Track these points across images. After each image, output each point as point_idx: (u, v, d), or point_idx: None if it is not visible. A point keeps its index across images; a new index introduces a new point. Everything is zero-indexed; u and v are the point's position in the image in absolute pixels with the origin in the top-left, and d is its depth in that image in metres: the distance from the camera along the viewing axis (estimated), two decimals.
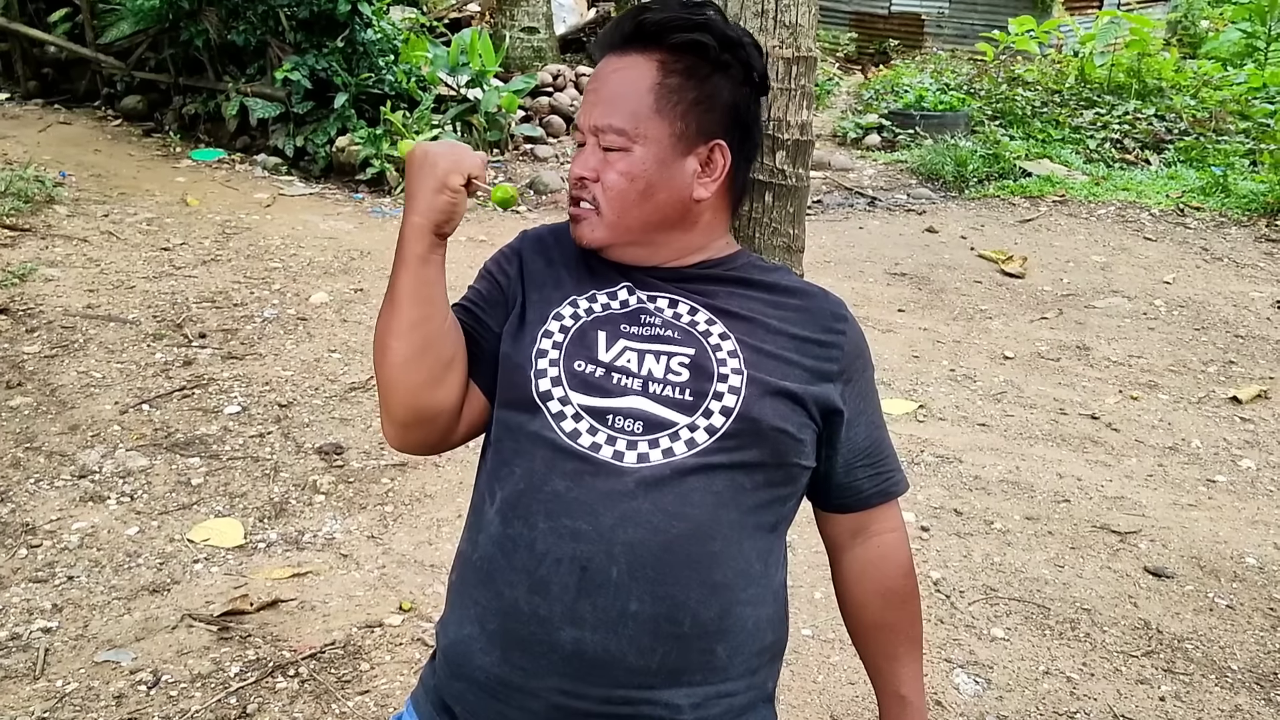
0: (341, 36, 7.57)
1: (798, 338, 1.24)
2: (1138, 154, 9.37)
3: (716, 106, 1.24)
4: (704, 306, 1.25)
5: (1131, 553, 3.33)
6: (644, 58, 1.22)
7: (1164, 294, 5.99)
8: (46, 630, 2.69)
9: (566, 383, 1.18)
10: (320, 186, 7.35)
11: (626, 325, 1.23)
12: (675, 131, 1.22)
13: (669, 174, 1.23)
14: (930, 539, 3.36)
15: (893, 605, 1.32)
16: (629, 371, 1.19)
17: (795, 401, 1.20)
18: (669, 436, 1.15)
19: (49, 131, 7.35)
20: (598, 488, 1.13)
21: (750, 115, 1.29)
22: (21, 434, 3.62)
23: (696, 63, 1.22)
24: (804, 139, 1.62)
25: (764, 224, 1.61)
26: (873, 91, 11.50)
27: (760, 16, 1.53)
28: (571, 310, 1.25)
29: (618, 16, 1.27)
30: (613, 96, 1.22)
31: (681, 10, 1.23)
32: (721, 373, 1.18)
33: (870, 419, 1.30)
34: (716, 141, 1.24)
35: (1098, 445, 4.14)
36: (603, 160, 1.22)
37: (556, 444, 1.15)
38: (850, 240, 7.03)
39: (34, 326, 4.42)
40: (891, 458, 1.33)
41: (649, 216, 1.24)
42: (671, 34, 1.21)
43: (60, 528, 3.13)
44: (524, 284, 1.30)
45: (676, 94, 1.21)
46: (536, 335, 1.23)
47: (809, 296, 1.30)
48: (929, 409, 4.40)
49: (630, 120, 1.21)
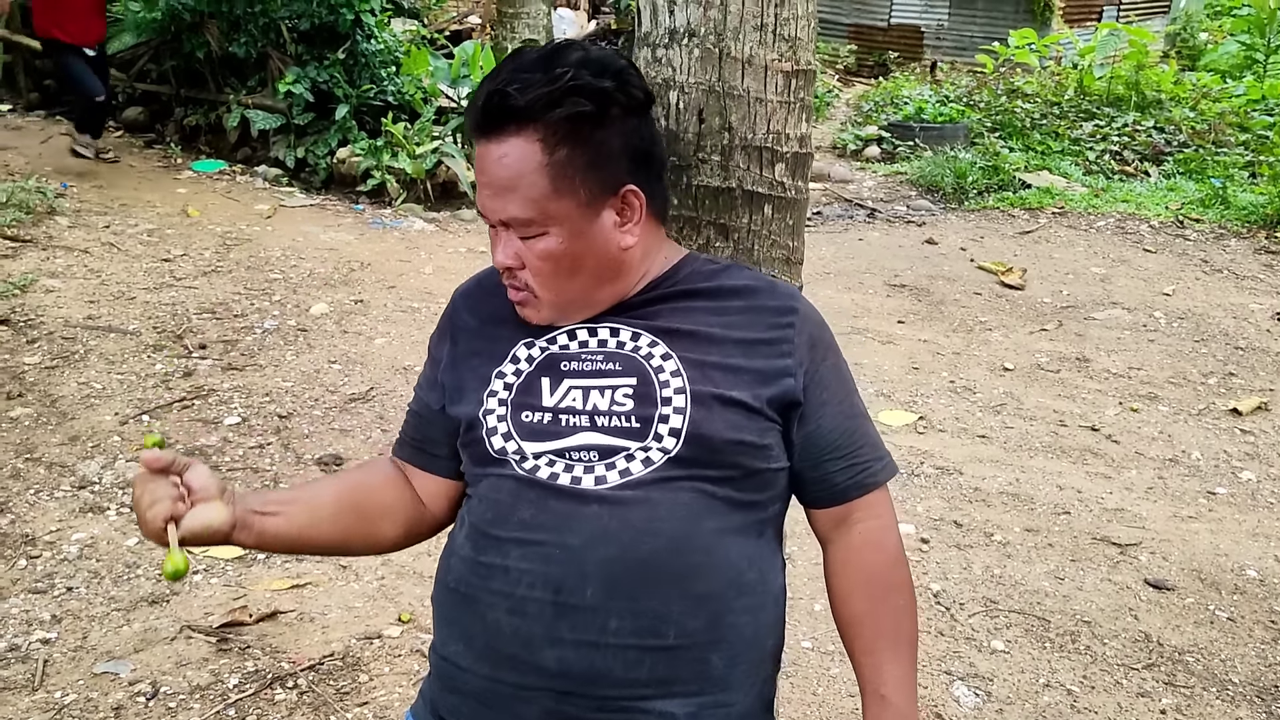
0: (343, 48, 7.59)
1: (744, 341, 1.22)
2: (1137, 166, 9.39)
3: (613, 156, 1.18)
4: (646, 330, 1.23)
5: (1132, 565, 3.32)
6: (522, 139, 1.14)
7: (1164, 306, 5.99)
8: (45, 641, 2.69)
9: (518, 435, 1.19)
10: (321, 198, 7.36)
11: (568, 364, 1.22)
12: (581, 201, 1.17)
13: (590, 241, 1.19)
14: (930, 551, 3.36)
15: (875, 597, 1.25)
16: (574, 410, 1.18)
17: (747, 409, 1.18)
18: (624, 458, 1.15)
19: (51, 143, 7.36)
20: (562, 511, 1.14)
21: (647, 138, 1.24)
22: (22, 445, 3.62)
23: (577, 124, 1.15)
24: (803, 152, 1.63)
25: (763, 236, 1.61)
26: (872, 103, 11.53)
27: (760, 30, 1.54)
28: (513, 366, 1.24)
29: (476, 95, 1.17)
30: (505, 187, 1.16)
31: (542, 77, 1.14)
32: (665, 395, 1.17)
33: (838, 407, 1.25)
34: (626, 188, 1.20)
35: (1098, 457, 4.13)
36: (521, 247, 1.19)
37: (518, 477, 1.18)
38: (850, 252, 7.04)
39: (35, 337, 4.42)
40: (868, 447, 1.27)
41: (586, 284, 1.22)
42: (543, 113, 1.13)
43: (60, 538, 3.13)
44: (458, 359, 1.30)
45: (568, 166, 1.15)
46: (483, 397, 1.23)
47: (754, 294, 1.26)
48: (929, 421, 4.40)
49: (532, 209, 1.16)
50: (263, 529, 1.21)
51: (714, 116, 1.56)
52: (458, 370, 1.28)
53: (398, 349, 4.72)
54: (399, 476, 1.35)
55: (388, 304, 5.30)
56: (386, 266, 5.92)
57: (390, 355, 4.64)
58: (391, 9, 8.54)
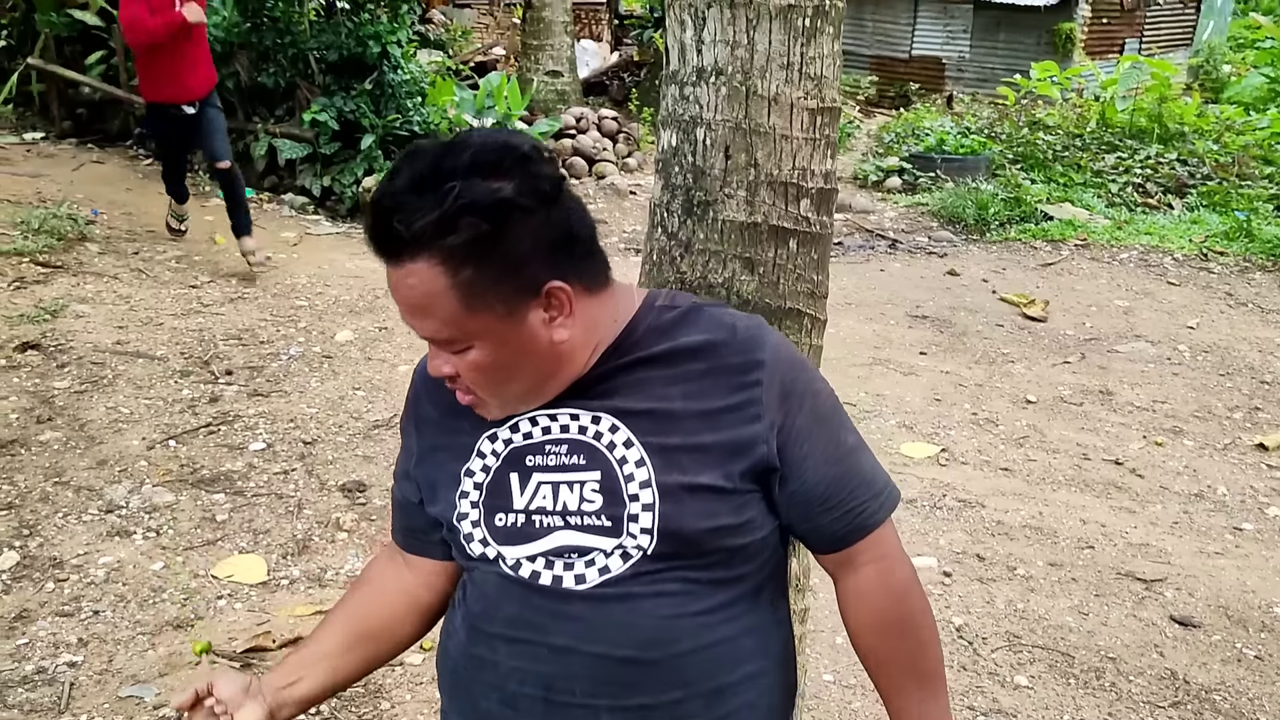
0: (370, 79, 7.71)
1: (708, 413, 1.15)
2: (1160, 198, 9.36)
3: (525, 260, 1.08)
4: (606, 411, 1.17)
5: (1157, 601, 3.29)
6: (422, 264, 1.05)
7: (1188, 339, 5.96)
8: (72, 664, 2.71)
9: (494, 540, 1.18)
10: (346, 226, 7.45)
11: (534, 457, 1.18)
12: (499, 313, 1.09)
13: (520, 346, 1.12)
14: (953, 584, 3.34)
15: (889, 635, 1.22)
16: (546, 510, 1.16)
17: (719, 491, 1.13)
18: (602, 555, 1.14)
19: (82, 170, 7.50)
20: (546, 609, 1.15)
21: (562, 223, 1.11)
22: (51, 468, 3.66)
23: (477, 238, 1.05)
24: (828, 187, 1.65)
25: (789, 270, 1.63)
26: (893, 135, 11.57)
27: (786, 69, 1.56)
28: (480, 462, 1.20)
29: (369, 218, 1.09)
30: (418, 310, 1.09)
31: (431, 198, 1.04)
32: (631, 492, 1.13)
33: (822, 455, 1.18)
34: (548, 286, 1.10)
35: (1122, 491, 4.11)
36: (452, 358, 1.13)
37: (501, 573, 1.18)
38: (871, 282, 7.05)
39: (65, 362, 4.49)
40: (860, 488, 1.20)
41: (528, 383, 1.16)
42: (436, 240, 1.04)
43: (87, 562, 3.17)
44: (425, 454, 1.28)
45: (477, 285, 1.06)
46: (454, 498, 1.21)
47: (714, 351, 1.17)
48: (951, 453, 4.38)
49: (450, 328, 1.09)
50: (295, 699, 1.26)
51: (740, 153, 1.59)
52: (426, 467, 1.27)
53: None
54: (400, 571, 1.35)
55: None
56: None
57: None
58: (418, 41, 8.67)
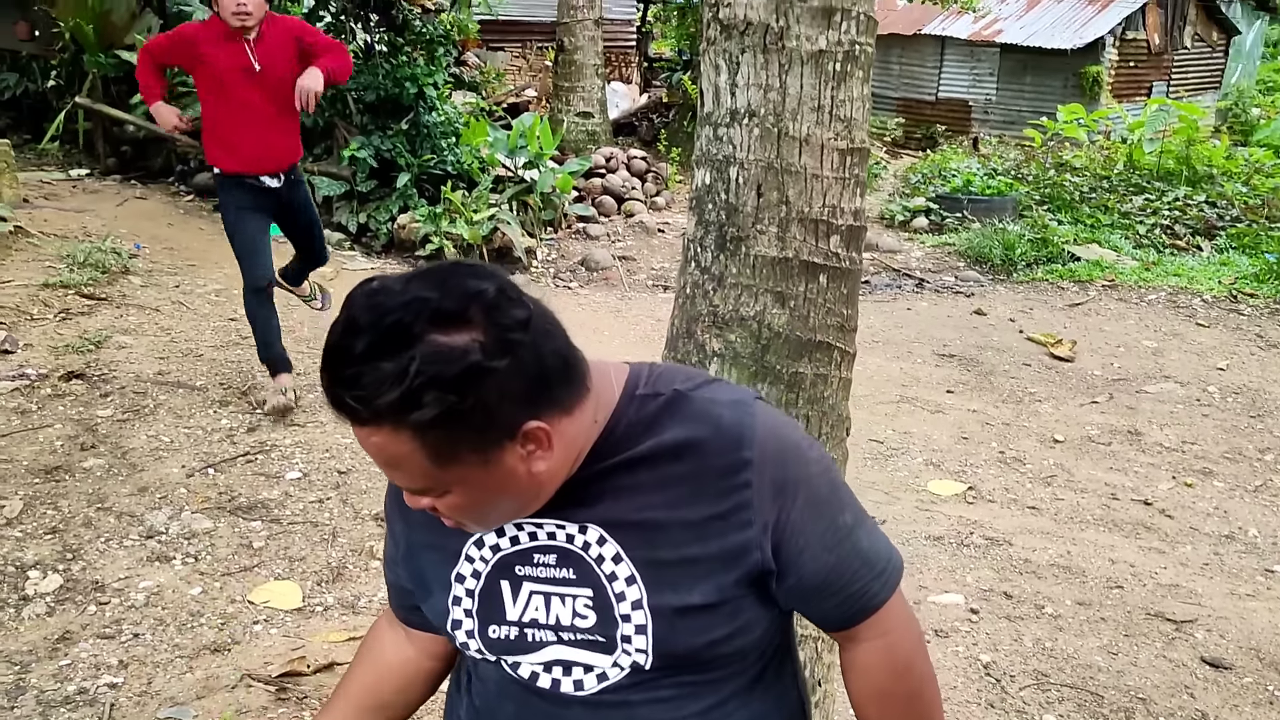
0: (406, 119, 7.89)
1: (695, 524, 1.10)
2: (1189, 240, 9.36)
3: (499, 411, 0.99)
4: (592, 522, 1.12)
5: (1187, 642, 3.28)
6: (387, 430, 0.97)
7: (1218, 380, 5.94)
8: (112, 685, 2.77)
9: (489, 650, 1.17)
10: (381, 261, 7.59)
11: (523, 567, 1.15)
12: (474, 463, 1.01)
13: (498, 485, 1.05)
14: (980, 621, 3.35)
15: (892, 709, 1.21)
16: (539, 624, 1.14)
17: (712, 608, 1.11)
18: (596, 667, 1.14)
19: (126, 206, 7.69)
20: (545, 712, 1.16)
21: (533, 365, 1.01)
22: (94, 494, 3.75)
23: (443, 411, 0.96)
24: (857, 225, 1.71)
25: (819, 305, 1.69)
26: (920, 175, 11.64)
27: (817, 111, 1.63)
28: (469, 567, 1.17)
29: (324, 378, 0.99)
30: (390, 466, 1.03)
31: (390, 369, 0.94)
32: (623, 612, 1.11)
33: (820, 546, 1.13)
34: (525, 428, 1.02)
35: (1151, 531, 4.09)
36: (430, 499, 1.07)
37: (502, 674, 1.19)
38: (898, 321, 7.08)
39: (108, 391, 4.60)
40: (861, 570, 1.15)
41: (508, 510, 1.10)
42: (399, 416, 0.96)
43: (128, 586, 3.24)
44: (413, 549, 1.25)
45: (447, 444, 0.99)
46: (447, 605, 1.19)
47: (697, 451, 1.10)
48: (978, 490, 4.39)
49: (423, 481, 1.03)
50: None
51: (772, 190, 1.66)
52: (416, 563, 1.25)
53: None
54: (400, 643, 1.35)
55: None
56: None
57: None
58: (453, 83, 8.87)
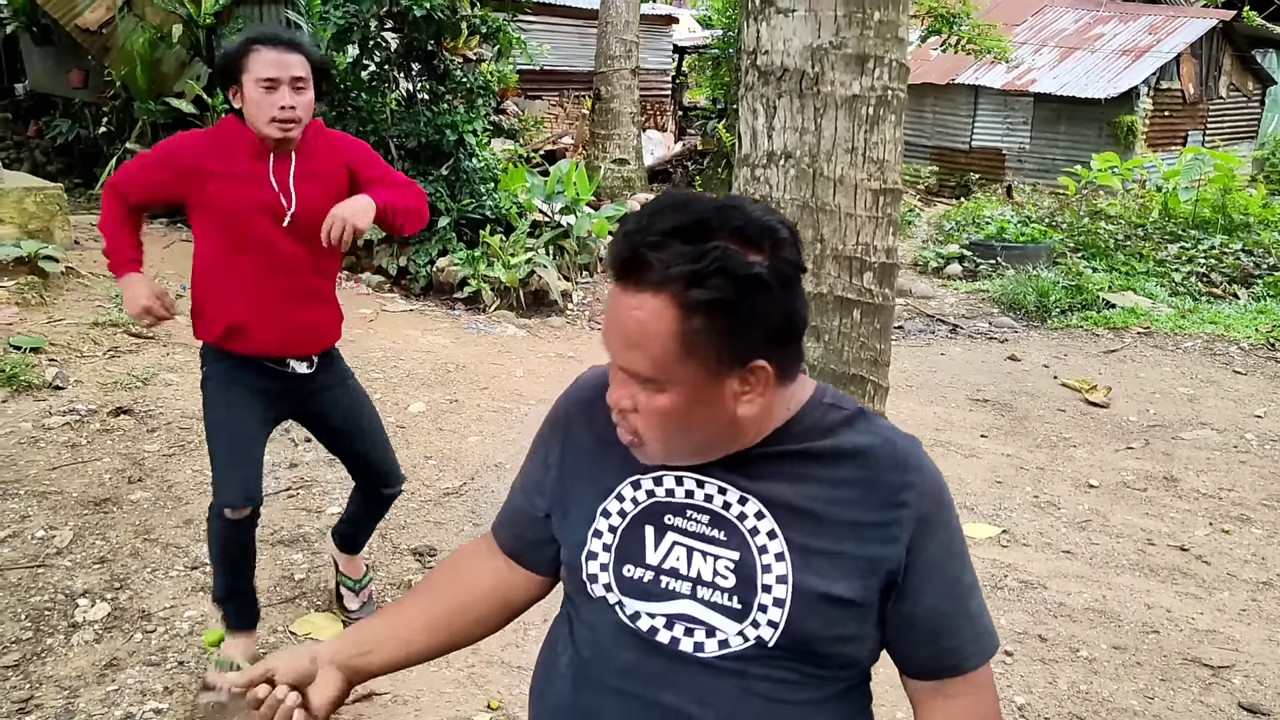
0: (446, 165, 8.08)
1: (856, 524, 1.17)
2: (1225, 288, 9.31)
3: (750, 332, 1.09)
4: (754, 495, 1.18)
5: (1225, 688, 3.25)
6: (659, 301, 1.07)
7: (1255, 428, 5.89)
8: (158, 712, 2.84)
9: (618, 588, 1.21)
10: (420, 303, 7.73)
11: (673, 517, 1.21)
12: (709, 369, 1.10)
13: (707, 407, 1.13)
14: (1014, 664, 3.34)
15: None
16: (677, 573, 1.19)
17: (850, 604, 1.16)
18: (721, 631, 1.18)
19: (172, 248, 7.90)
20: (659, 668, 1.19)
21: (791, 309, 1.12)
22: (141, 526, 3.85)
23: (719, 300, 1.06)
24: (889, 262, 1.78)
25: (852, 339, 1.75)
26: (954, 222, 11.69)
27: (851, 153, 1.71)
28: (618, 505, 1.23)
29: (620, 236, 1.10)
30: (633, 340, 1.10)
31: (691, 249, 1.06)
32: (765, 582, 1.16)
33: (941, 586, 1.19)
34: (754, 363, 1.11)
35: (1187, 577, 4.06)
36: (636, 393, 1.14)
37: (619, 622, 1.22)
38: (932, 366, 7.09)
39: (154, 426, 4.73)
40: (964, 629, 1.21)
41: (696, 442, 1.17)
42: (683, 287, 1.06)
43: (173, 615, 3.32)
44: (566, 471, 1.31)
45: (702, 336, 1.08)
46: (586, 535, 1.24)
47: (870, 461, 1.19)
48: (1012, 534, 4.38)
49: (655, 368, 1.10)
50: (366, 669, 1.34)
51: (807, 229, 1.73)
52: (565, 489, 1.30)
53: (490, 447, 4.90)
54: (499, 568, 1.39)
55: (481, 404, 5.52)
56: (480, 369, 6.17)
57: (483, 452, 4.83)
58: (492, 130, 9.06)
